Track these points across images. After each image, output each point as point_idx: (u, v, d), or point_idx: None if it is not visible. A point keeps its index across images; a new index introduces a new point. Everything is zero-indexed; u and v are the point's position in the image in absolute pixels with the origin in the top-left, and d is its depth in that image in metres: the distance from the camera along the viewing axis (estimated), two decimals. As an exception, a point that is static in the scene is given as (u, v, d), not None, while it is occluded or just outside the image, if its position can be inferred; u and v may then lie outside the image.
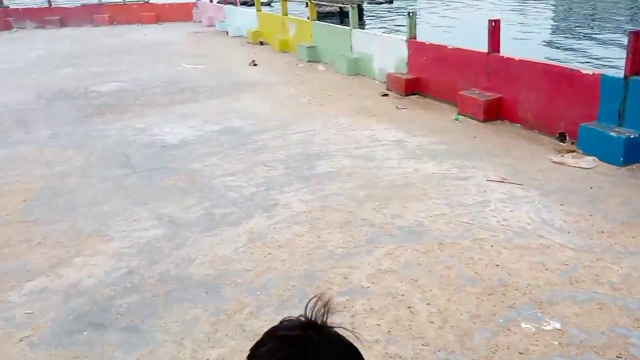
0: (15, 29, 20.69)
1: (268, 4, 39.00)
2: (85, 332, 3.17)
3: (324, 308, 0.94)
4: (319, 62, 11.36)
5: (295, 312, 0.97)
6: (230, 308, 3.36)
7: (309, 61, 11.44)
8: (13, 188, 5.22)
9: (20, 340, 3.12)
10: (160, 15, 21.56)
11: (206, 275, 3.71)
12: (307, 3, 12.21)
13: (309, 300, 0.95)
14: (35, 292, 3.54)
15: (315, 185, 5.03)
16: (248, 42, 14.85)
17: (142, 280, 3.66)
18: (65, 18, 21.07)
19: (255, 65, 11.32)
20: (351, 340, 0.97)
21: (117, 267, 3.83)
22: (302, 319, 0.94)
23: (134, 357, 2.96)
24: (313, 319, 0.94)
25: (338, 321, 0.98)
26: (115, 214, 4.63)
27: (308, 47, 11.51)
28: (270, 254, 3.95)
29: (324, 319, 0.95)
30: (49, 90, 9.59)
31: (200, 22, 20.61)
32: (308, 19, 12.04)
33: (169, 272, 3.76)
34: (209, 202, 4.83)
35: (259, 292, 3.50)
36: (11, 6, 21.94)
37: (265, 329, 0.97)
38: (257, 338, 0.96)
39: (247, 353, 0.95)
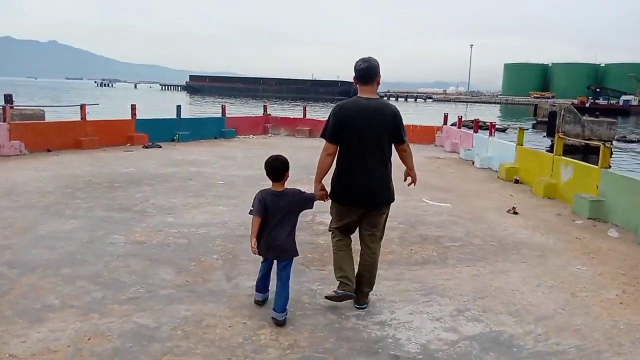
0: (270, 135, 21.90)
1: (503, 131, 36.39)
2: None
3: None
4: (606, 222, 8.47)
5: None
6: None
7: (590, 218, 8.64)
8: None
9: None
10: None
11: None
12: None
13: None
14: None
15: None
16: (498, 178, 12.73)
17: None
18: (313, 129, 21.60)
19: (515, 213, 8.90)
20: None
21: None
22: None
23: None
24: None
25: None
26: None
27: (592, 201, 8.73)
28: None
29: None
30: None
31: (442, 146, 19.26)
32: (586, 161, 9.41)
33: None
34: None
35: None
36: (271, 113, 23.54)
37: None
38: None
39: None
